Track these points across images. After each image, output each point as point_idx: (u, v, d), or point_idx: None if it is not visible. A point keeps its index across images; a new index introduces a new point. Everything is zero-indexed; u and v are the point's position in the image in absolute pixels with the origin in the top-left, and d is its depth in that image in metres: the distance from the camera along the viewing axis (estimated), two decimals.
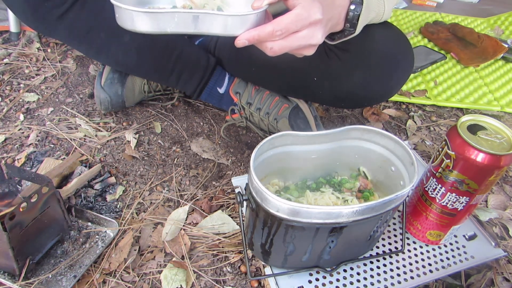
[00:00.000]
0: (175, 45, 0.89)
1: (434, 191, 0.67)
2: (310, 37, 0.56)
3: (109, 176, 0.86)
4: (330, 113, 1.10)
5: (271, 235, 0.60)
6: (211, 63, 0.94)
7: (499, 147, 0.60)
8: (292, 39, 0.55)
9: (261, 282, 0.70)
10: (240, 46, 0.55)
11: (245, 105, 0.95)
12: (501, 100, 1.19)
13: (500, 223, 0.83)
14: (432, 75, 1.27)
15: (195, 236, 0.76)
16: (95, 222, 0.75)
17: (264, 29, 0.53)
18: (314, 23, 0.55)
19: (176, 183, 0.87)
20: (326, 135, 0.67)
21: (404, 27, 1.52)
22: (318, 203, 0.68)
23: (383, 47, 0.77)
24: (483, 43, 1.34)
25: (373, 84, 0.80)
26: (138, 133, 0.98)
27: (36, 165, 0.87)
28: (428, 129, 1.09)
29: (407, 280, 0.68)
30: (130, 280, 0.69)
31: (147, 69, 0.92)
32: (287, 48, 0.56)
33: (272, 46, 0.55)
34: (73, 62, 1.20)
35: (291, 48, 0.57)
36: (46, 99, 1.06)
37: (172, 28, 0.53)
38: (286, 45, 0.56)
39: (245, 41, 0.54)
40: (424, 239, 0.73)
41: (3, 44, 1.23)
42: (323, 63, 0.80)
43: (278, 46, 0.55)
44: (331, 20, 0.62)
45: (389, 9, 0.73)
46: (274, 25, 0.53)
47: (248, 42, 0.55)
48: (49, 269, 0.68)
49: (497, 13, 1.66)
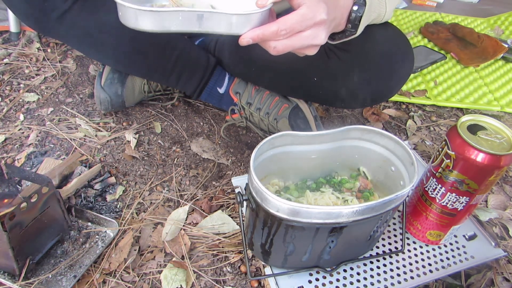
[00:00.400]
0: (175, 45, 0.89)
1: (434, 191, 0.67)
2: (314, 37, 0.56)
3: (109, 176, 0.86)
4: (330, 113, 1.10)
5: (271, 235, 0.60)
6: (211, 63, 0.94)
7: (499, 147, 0.60)
8: (296, 38, 0.55)
9: (261, 282, 0.70)
10: (244, 45, 0.55)
11: (245, 105, 0.95)
12: (501, 100, 1.19)
13: (500, 223, 0.83)
14: (432, 75, 1.27)
15: (195, 236, 0.76)
16: (95, 222, 0.75)
17: (269, 28, 0.53)
18: (319, 23, 0.55)
19: (176, 183, 0.87)
20: (326, 135, 0.67)
21: (404, 27, 1.52)
22: (318, 203, 0.68)
23: (383, 47, 0.77)
24: (483, 43, 1.34)
25: (373, 84, 0.80)
26: (138, 133, 0.98)
27: (36, 165, 0.87)
28: (428, 129, 1.09)
29: (407, 280, 0.68)
30: (130, 280, 0.69)
31: (147, 69, 0.92)
32: (290, 47, 0.56)
33: (276, 45, 0.55)
34: (73, 62, 1.20)
35: (294, 47, 0.57)
36: (46, 99, 1.06)
37: (176, 26, 0.52)
38: (290, 45, 0.56)
39: (249, 39, 0.54)
40: (424, 239, 0.73)
41: (3, 44, 1.23)
42: (323, 63, 0.80)
43: (282, 45, 0.55)
44: (334, 20, 0.62)
45: (390, 10, 0.73)
46: (279, 25, 0.53)
47: (252, 41, 0.55)
48: (49, 269, 0.68)
49: (497, 13, 1.66)
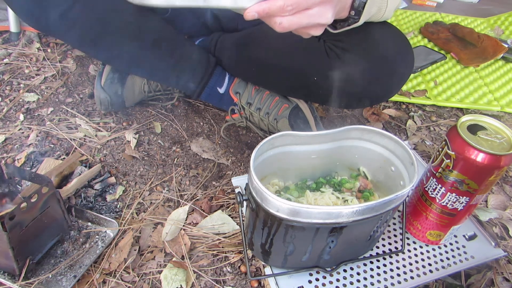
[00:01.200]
0: (175, 45, 0.89)
1: (434, 191, 0.67)
2: (320, 15, 0.56)
3: (109, 176, 0.86)
4: (330, 113, 1.10)
5: (271, 235, 0.60)
6: (211, 63, 0.94)
7: (499, 147, 0.60)
8: (302, 15, 0.55)
9: (261, 282, 0.70)
10: (249, 19, 0.55)
11: (245, 105, 0.95)
12: (501, 100, 1.19)
13: (500, 223, 0.83)
14: (432, 75, 1.27)
15: (195, 236, 0.76)
16: (95, 222, 0.75)
17: (275, 2, 0.53)
18: (325, 1, 0.55)
19: (176, 183, 0.87)
20: (326, 135, 0.67)
21: (404, 27, 1.52)
22: (318, 203, 0.68)
23: (383, 47, 0.77)
24: (483, 43, 1.34)
25: (373, 84, 0.80)
26: (138, 133, 0.98)
27: (36, 165, 0.87)
28: (428, 129, 1.09)
29: (407, 280, 0.68)
30: (130, 280, 0.69)
31: (147, 69, 0.92)
32: (296, 24, 0.56)
33: (281, 21, 0.55)
34: (73, 62, 1.20)
35: (300, 25, 0.56)
36: (46, 99, 1.06)
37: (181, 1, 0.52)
38: (296, 21, 0.55)
39: (255, 13, 0.54)
40: (424, 239, 0.73)
41: (3, 44, 1.23)
42: (323, 64, 0.80)
43: (288, 21, 0.55)
44: (340, 2, 0.62)
45: (391, 8, 0.73)
46: (285, 0, 0.53)
47: (257, 15, 0.54)
48: (49, 269, 0.68)
49: (497, 13, 1.66)
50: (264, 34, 0.88)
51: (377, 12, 0.71)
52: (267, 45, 0.86)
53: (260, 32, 0.89)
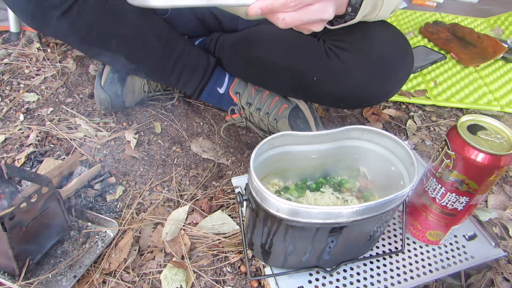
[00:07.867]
0: (175, 45, 0.89)
1: (434, 191, 0.67)
2: (322, 11, 0.57)
3: (109, 176, 0.86)
4: (330, 113, 1.10)
5: (271, 235, 0.60)
6: (211, 63, 0.94)
7: (499, 147, 0.60)
8: (305, 11, 0.56)
9: (261, 282, 0.70)
10: (252, 15, 0.55)
11: (245, 105, 0.95)
12: (501, 100, 1.19)
13: (500, 223, 0.83)
14: (432, 75, 1.27)
15: (195, 236, 0.76)
16: (95, 222, 0.75)
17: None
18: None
19: (176, 183, 0.87)
20: (326, 135, 0.67)
21: (404, 27, 1.52)
22: (318, 203, 0.68)
23: (382, 47, 0.77)
24: (483, 43, 1.34)
25: (372, 85, 0.80)
26: (138, 133, 0.98)
27: (36, 165, 0.87)
28: (428, 129, 1.09)
29: (407, 280, 0.68)
30: (130, 280, 0.69)
31: (147, 69, 0.92)
32: (298, 20, 0.57)
33: (284, 17, 0.56)
34: (73, 62, 1.20)
35: (302, 21, 0.57)
36: (46, 99, 1.06)
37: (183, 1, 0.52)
38: (298, 18, 0.56)
39: (258, 10, 0.54)
40: (424, 239, 0.73)
41: (3, 44, 1.23)
42: (323, 63, 0.80)
43: (290, 17, 0.56)
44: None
45: (386, 8, 0.73)
46: None
47: (260, 12, 0.55)
48: (49, 269, 0.68)
49: (497, 13, 1.66)
50: (264, 34, 0.88)
51: (372, 11, 0.72)
52: (267, 45, 0.86)
53: (260, 32, 0.89)
